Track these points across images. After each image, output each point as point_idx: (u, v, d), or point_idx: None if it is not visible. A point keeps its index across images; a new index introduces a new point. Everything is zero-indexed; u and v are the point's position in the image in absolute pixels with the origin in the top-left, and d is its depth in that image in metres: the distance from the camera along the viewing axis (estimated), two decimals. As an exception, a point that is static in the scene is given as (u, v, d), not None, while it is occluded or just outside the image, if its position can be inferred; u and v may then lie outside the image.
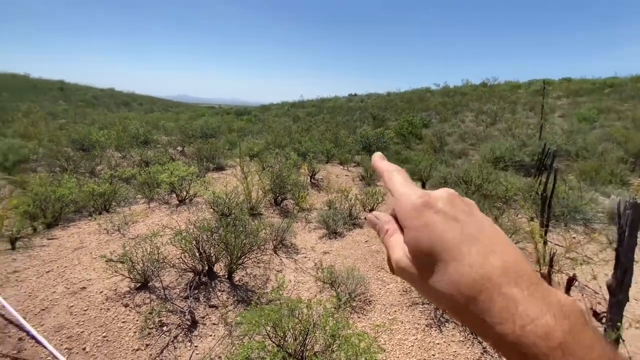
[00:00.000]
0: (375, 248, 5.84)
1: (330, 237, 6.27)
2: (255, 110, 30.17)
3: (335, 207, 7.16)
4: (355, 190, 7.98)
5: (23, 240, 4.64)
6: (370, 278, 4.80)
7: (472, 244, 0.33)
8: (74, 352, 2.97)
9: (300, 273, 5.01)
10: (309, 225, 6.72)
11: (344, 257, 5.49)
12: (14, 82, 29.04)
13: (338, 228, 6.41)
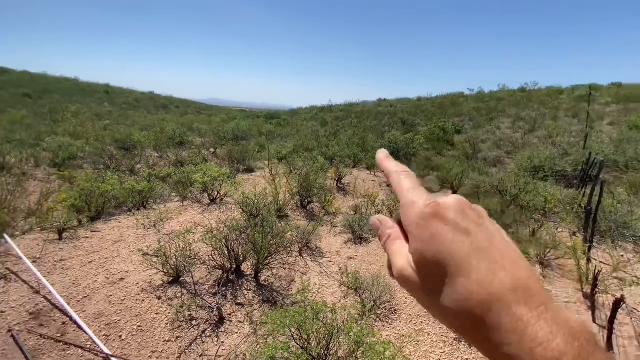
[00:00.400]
0: (401, 256, 5.71)
1: (355, 242, 6.23)
2: (284, 114, 30.72)
3: (362, 212, 7.10)
4: (382, 196, 7.88)
5: (69, 232, 5.02)
6: (396, 286, 4.70)
7: (481, 259, 0.31)
8: (111, 339, 3.16)
9: (324, 277, 5.01)
10: (334, 230, 6.71)
11: (369, 263, 5.42)
12: (65, 85, 31.61)
13: (364, 234, 6.35)
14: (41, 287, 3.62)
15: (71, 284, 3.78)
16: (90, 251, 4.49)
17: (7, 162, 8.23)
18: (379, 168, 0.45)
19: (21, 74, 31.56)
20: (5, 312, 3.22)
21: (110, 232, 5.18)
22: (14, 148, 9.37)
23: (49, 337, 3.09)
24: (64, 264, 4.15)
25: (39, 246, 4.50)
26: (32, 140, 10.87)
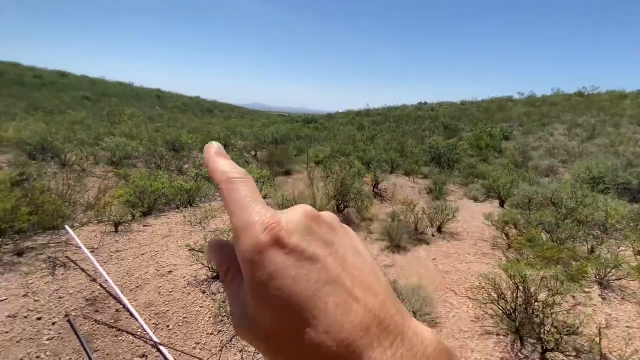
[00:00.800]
0: (443, 268, 5.48)
1: (393, 250, 6.07)
2: (321, 118, 31.00)
3: (399, 220, 6.92)
4: (421, 204, 7.62)
5: (124, 225, 5.43)
6: (437, 299, 4.50)
7: (329, 293, 0.25)
8: (159, 328, 3.35)
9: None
10: (370, 236, 6.60)
11: (408, 273, 5.25)
12: (120, 90, 34.52)
13: (402, 242, 6.18)
14: (97, 276, 3.94)
15: (125, 274, 4.07)
16: (142, 244, 4.81)
17: (69, 159, 9.11)
18: (205, 166, 0.33)
19: (80, 78, 34.99)
20: (63, 298, 3.54)
21: (160, 227, 5.52)
22: (75, 147, 10.37)
23: (103, 323, 3.34)
24: (119, 254, 4.49)
25: (96, 237, 4.91)
26: (92, 139, 11.97)
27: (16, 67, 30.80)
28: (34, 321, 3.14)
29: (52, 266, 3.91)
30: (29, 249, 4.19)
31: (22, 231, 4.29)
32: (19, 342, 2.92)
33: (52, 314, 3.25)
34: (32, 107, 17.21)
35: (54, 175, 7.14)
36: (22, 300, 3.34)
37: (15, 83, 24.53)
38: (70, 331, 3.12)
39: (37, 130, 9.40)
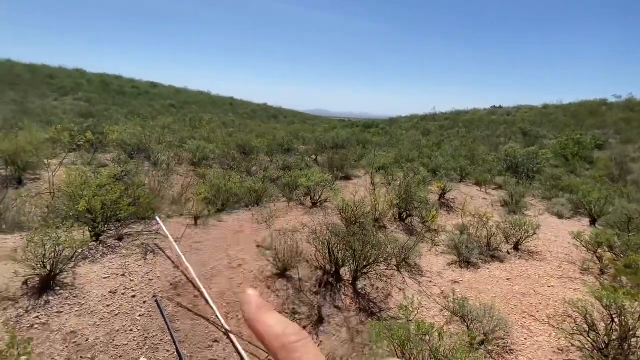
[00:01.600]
0: (519, 289, 4.94)
1: (461, 265, 5.66)
2: (382, 123, 30.46)
3: (469, 233, 6.42)
4: (495, 217, 6.97)
5: (202, 219, 5.98)
6: (512, 323, 4.07)
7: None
8: (230, 317, 3.61)
9: (424, 297, 4.69)
10: (436, 248, 6.25)
11: (479, 291, 4.84)
12: (200, 98, 38.28)
13: (472, 257, 5.73)
14: (180, 263, 4.40)
15: (202, 264, 4.48)
16: (217, 237, 5.26)
17: (158, 159, 10.38)
18: (247, 324, 0.28)
19: (168, 88, 39.63)
20: (152, 280, 4.02)
21: (232, 223, 5.97)
22: (164, 148, 11.77)
23: (183, 306, 3.72)
24: (197, 245, 4.97)
25: (180, 229, 5.50)
26: (177, 142, 13.48)
27: (118, 79, 36.33)
28: (129, 298, 3.63)
29: (145, 252, 4.49)
30: (127, 235, 4.88)
31: (122, 219, 5.01)
32: (117, 315, 3.40)
33: (143, 293, 3.72)
34: (131, 114, 20.12)
35: (147, 172, 8.21)
36: (120, 279, 3.89)
37: (117, 93, 28.94)
38: (157, 311, 3.54)
39: (135, 134, 10.94)
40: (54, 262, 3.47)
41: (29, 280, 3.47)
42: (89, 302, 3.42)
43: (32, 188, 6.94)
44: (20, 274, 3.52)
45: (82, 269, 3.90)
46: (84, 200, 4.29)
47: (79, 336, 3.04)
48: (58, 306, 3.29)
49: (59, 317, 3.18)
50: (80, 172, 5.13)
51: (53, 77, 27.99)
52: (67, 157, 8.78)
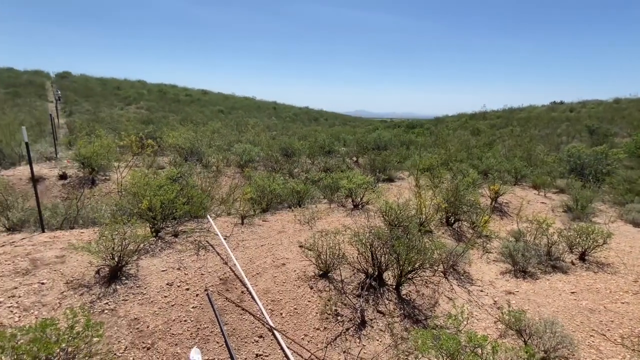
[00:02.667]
0: (587, 305, 4.44)
1: (516, 275, 5.25)
2: (427, 123, 29.34)
3: (526, 240, 5.93)
4: (557, 224, 6.35)
5: (248, 219, 6.25)
6: (578, 341, 3.67)
7: None
8: (274, 314, 3.71)
9: (474, 306, 4.42)
10: (487, 256, 5.86)
11: (537, 304, 4.44)
12: (245, 103, 40.06)
13: (529, 267, 5.28)
14: (228, 260, 4.62)
15: (248, 261, 4.67)
16: (262, 236, 5.45)
17: (208, 162, 11.05)
18: None
19: (217, 95, 42.01)
20: (204, 275, 4.26)
21: (275, 223, 6.15)
22: (214, 151, 12.49)
23: (231, 301, 3.90)
24: (244, 244, 5.19)
25: (228, 227, 5.79)
26: (225, 145, 14.23)
27: (174, 88, 39.40)
28: (183, 291, 3.90)
29: (197, 248, 4.80)
30: (182, 232, 5.26)
31: (178, 217, 5.41)
32: (173, 306, 3.67)
33: (196, 287, 3.98)
34: (184, 120, 21.69)
35: (199, 174, 8.78)
36: (176, 273, 4.19)
37: (173, 101, 31.40)
38: (208, 304, 3.76)
39: (189, 138, 11.77)
40: (121, 254, 3.86)
41: (101, 270, 3.89)
42: (150, 292, 3.74)
43: (103, 188, 7.80)
44: (93, 264, 3.97)
45: (144, 261, 4.27)
46: (146, 199, 4.71)
47: (141, 323, 3.33)
48: (124, 294, 3.64)
49: (125, 304, 3.52)
50: (142, 173, 5.64)
51: (119, 88, 31.20)
52: (132, 160, 9.71)
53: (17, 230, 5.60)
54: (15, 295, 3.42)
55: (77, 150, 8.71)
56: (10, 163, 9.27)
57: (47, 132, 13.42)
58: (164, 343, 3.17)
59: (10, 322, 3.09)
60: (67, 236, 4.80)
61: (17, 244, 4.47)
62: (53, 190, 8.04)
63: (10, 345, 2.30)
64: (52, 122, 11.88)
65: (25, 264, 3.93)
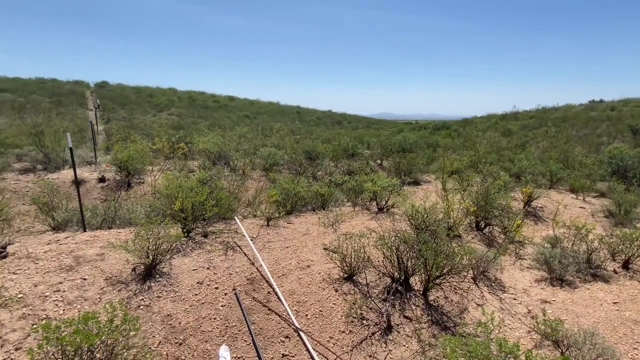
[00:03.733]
0: (631, 316, 4.14)
1: (553, 283, 4.97)
2: (454, 124, 28.51)
3: (563, 247, 5.61)
4: (598, 230, 5.96)
5: (273, 221, 6.35)
6: (621, 354, 3.42)
7: None
8: (300, 315, 3.74)
9: (506, 314, 4.23)
10: (521, 262, 5.60)
11: (576, 315, 4.18)
12: (270, 108, 40.83)
13: (566, 275, 4.99)
14: (255, 260, 4.72)
15: (274, 262, 4.75)
16: (287, 238, 5.52)
17: (235, 165, 11.34)
18: None
19: (243, 101, 43.15)
20: (232, 275, 4.38)
21: (300, 225, 6.21)
22: (240, 155, 12.82)
23: (258, 301, 3.98)
24: (270, 245, 5.28)
25: (254, 229, 5.92)
26: (251, 149, 14.57)
27: (202, 94, 40.92)
28: (213, 290, 4.03)
29: (226, 248, 4.95)
30: (211, 233, 5.44)
31: (207, 218, 5.60)
32: (203, 304, 3.80)
33: (224, 286, 4.09)
34: (212, 125, 22.43)
35: (226, 177, 9.04)
36: (206, 272, 4.34)
37: (202, 107, 32.60)
38: (236, 303, 3.86)
39: (217, 143, 12.16)
40: (155, 253, 4.05)
41: (137, 267, 4.10)
42: (181, 290, 3.90)
43: (138, 190, 8.22)
44: (130, 262, 4.19)
45: (176, 260, 4.46)
46: (178, 201, 4.93)
47: (173, 319, 3.48)
48: (158, 291, 3.82)
49: (159, 301, 3.69)
50: (175, 177, 5.90)
51: (152, 96, 32.82)
52: (165, 164, 10.18)
53: (62, 229, 6.02)
54: (60, 289, 3.68)
55: (114, 155, 9.27)
56: (55, 167, 9.99)
57: (87, 138, 14.36)
58: (194, 339, 3.29)
59: (55, 315, 3.33)
60: (106, 235, 5.11)
61: (61, 242, 4.81)
62: (93, 192, 8.59)
63: (55, 337, 2.48)
64: (92, 129, 12.70)
65: (69, 260, 4.22)
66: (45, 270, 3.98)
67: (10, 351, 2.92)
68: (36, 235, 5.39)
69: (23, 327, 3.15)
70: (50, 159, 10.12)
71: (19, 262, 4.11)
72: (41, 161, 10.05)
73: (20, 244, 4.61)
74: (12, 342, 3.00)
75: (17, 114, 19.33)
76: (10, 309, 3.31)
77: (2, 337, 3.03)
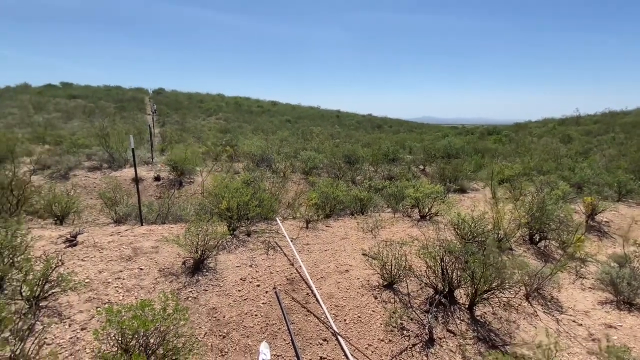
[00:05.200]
0: None
1: (619, 306, 4.44)
2: (505, 129, 26.73)
3: (633, 267, 4.98)
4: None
5: (312, 223, 6.42)
6: None
7: None
8: (338, 320, 3.73)
9: (563, 337, 3.85)
10: (582, 281, 5.07)
11: (651, 344, 3.68)
12: (311, 113, 41.47)
13: (636, 298, 4.43)
14: (294, 261, 4.80)
15: (312, 265, 4.79)
16: (325, 241, 5.55)
17: (277, 168, 11.66)
18: None
19: (285, 105, 44.32)
20: (273, 274, 4.49)
21: (338, 229, 6.20)
22: (281, 159, 13.16)
23: (297, 301, 4.03)
24: (309, 247, 5.34)
25: (294, 230, 6.02)
26: (292, 153, 14.89)
27: (247, 100, 42.80)
28: (254, 287, 4.16)
29: (267, 247, 5.09)
30: (254, 232, 5.63)
31: (251, 218, 5.81)
32: (246, 300, 3.94)
33: (265, 284, 4.21)
34: (256, 129, 23.33)
35: (268, 179, 9.34)
36: (248, 269, 4.50)
37: (246, 112, 34.08)
38: (276, 301, 3.95)
39: (260, 146, 12.63)
40: (203, 248, 4.29)
41: (186, 261, 4.37)
42: (226, 285, 4.08)
43: (189, 189, 8.79)
44: (181, 256, 4.48)
45: (221, 257, 4.68)
46: (225, 200, 5.18)
47: (218, 312, 3.65)
48: (204, 285, 4.03)
49: (205, 294, 3.90)
50: (222, 177, 6.22)
51: (202, 101, 34.99)
52: (213, 165, 10.78)
53: (122, 222, 6.62)
54: (120, 277, 4.04)
55: (168, 156, 10.01)
56: (118, 166, 11.04)
57: (145, 140, 15.68)
58: (237, 334, 3.42)
59: (115, 300, 3.65)
60: (160, 230, 5.52)
61: (122, 234, 5.28)
62: (149, 189, 9.34)
63: (116, 320, 2.72)
64: (150, 132, 13.84)
65: (128, 251, 4.62)
66: (109, 259, 4.39)
67: (77, 330, 3.25)
68: (101, 227, 5.97)
69: (88, 309, 3.50)
70: (114, 158, 11.19)
71: (87, 250, 4.59)
72: (106, 160, 11.16)
73: (88, 234, 5.13)
74: (78, 322, 3.34)
75: (87, 118, 21.71)
76: (78, 292, 3.70)
77: (70, 317, 3.39)
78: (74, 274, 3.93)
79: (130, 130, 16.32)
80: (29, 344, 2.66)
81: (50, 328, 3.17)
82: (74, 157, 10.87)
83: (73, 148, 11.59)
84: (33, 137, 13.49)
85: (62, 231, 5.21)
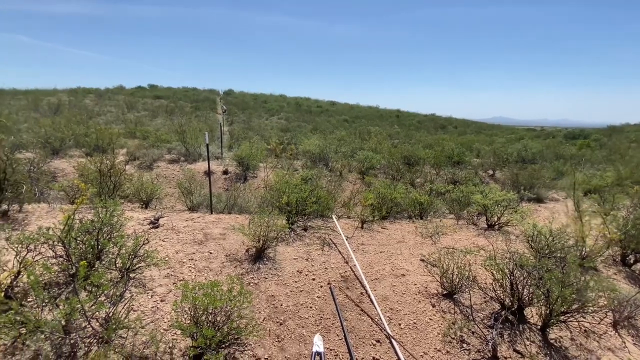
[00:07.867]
0: None
1: None
2: (595, 132, 23.27)
3: None
4: None
5: (367, 224, 6.37)
6: None
7: None
8: (392, 323, 3.66)
9: (667, 380, 3.25)
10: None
11: None
12: (369, 112, 40.92)
13: None
14: (349, 260, 4.82)
15: (367, 265, 4.76)
16: (381, 243, 5.47)
17: (334, 167, 11.77)
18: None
19: (343, 105, 44.39)
20: (327, 269, 4.56)
21: (395, 232, 6.06)
22: (339, 158, 13.25)
23: (351, 299, 4.04)
24: (363, 247, 5.32)
25: (349, 229, 6.04)
26: (349, 152, 14.90)
27: (307, 100, 43.94)
28: (310, 280, 4.28)
29: (322, 244, 5.20)
30: (310, 227, 5.80)
31: (308, 214, 5.99)
32: (302, 291, 4.08)
33: (321, 278, 4.31)
34: (315, 129, 23.84)
35: (325, 177, 9.50)
36: (304, 263, 4.65)
37: (306, 112, 35.01)
38: (330, 296, 4.02)
39: (319, 145, 12.89)
40: (265, 239, 4.55)
41: (249, 249, 4.68)
42: (284, 275, 4.28)
43: (252, 183, 9.37)
44: (245, 244, 4.82)
45: (280, 248, 4.92)
46: (285, 195, 5.43)
47: (276, 300, 3.84)
48: (264, 273, 4.28)
49: (265, 282, 4.14)
50: (283, 174, 6.51)
51: (266, 102, 36.89)
52: (276, 162, 11.34)
53: (195, 210, 7.32)
54: (193, 258, 4.48)
55: (235, 152, 10.79)
56: (192, 159, 12.24)
57: (215, 137, 17.10)
58: (292, 323, 3.57)
59: (189, 278, 4.07)
60: (227, 219, 5.99)
61: (195, 220, 5.85)
62: (218, 182, 10.18)
63: (191, 295, 3.04)
64: (220, 129, 15.06)
65: (200, 236, 5.11)
66: (184, 241, 4.91)
67: (157, 301, 3.70)
68: (178, 213, 6.69)
69: (167, 284, 3.96)
70: (190, 152, 12.43)
71: (166, 233, 5.19)
72: (183, 154, 12.45)
73: (168, 219, 5.79)
74: (159, 294, 3.79)
75: (168, 116, 24.39)
76: (159, 268, 4.20)
77: (152, 289, 3.86)
78: (156, 252, 4.49)
79: (203, 128, 17.93)
80: (120, 308, 3.11)
81: (136, 297, 3.66)
82: (158, 151, 12.33)
83: (157, 142, 13.15)
84: (126, 132, 15.63)
85: (147, 214, 5.96)
